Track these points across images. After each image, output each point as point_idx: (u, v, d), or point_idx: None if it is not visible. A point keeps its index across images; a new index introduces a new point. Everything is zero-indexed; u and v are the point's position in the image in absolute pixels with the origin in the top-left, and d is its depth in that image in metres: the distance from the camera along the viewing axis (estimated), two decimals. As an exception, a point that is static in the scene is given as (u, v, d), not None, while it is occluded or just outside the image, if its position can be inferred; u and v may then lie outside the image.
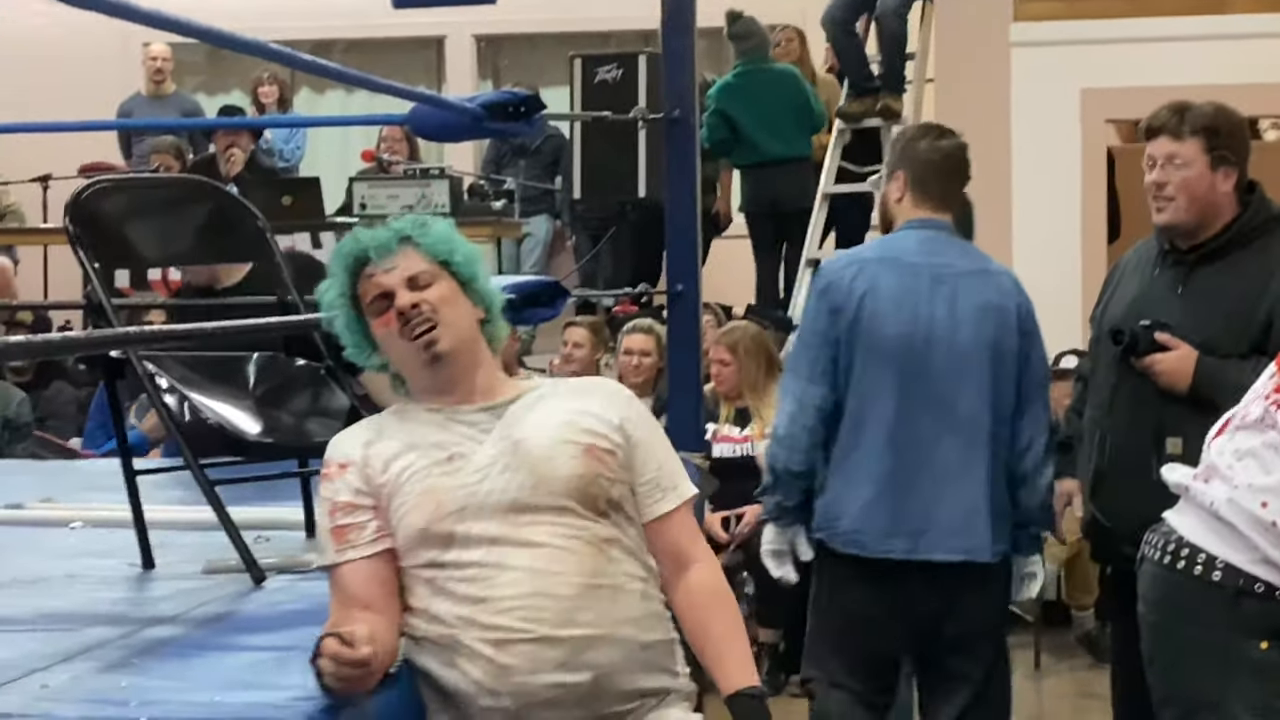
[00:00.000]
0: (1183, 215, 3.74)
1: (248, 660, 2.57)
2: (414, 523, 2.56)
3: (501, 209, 8.91)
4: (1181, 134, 3.74)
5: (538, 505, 2.58)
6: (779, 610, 6.59)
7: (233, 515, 3.25)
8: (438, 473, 2.58)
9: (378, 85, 4.20)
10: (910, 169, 4.05)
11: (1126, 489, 3.72)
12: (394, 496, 2.58)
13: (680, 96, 4.83)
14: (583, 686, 2.54)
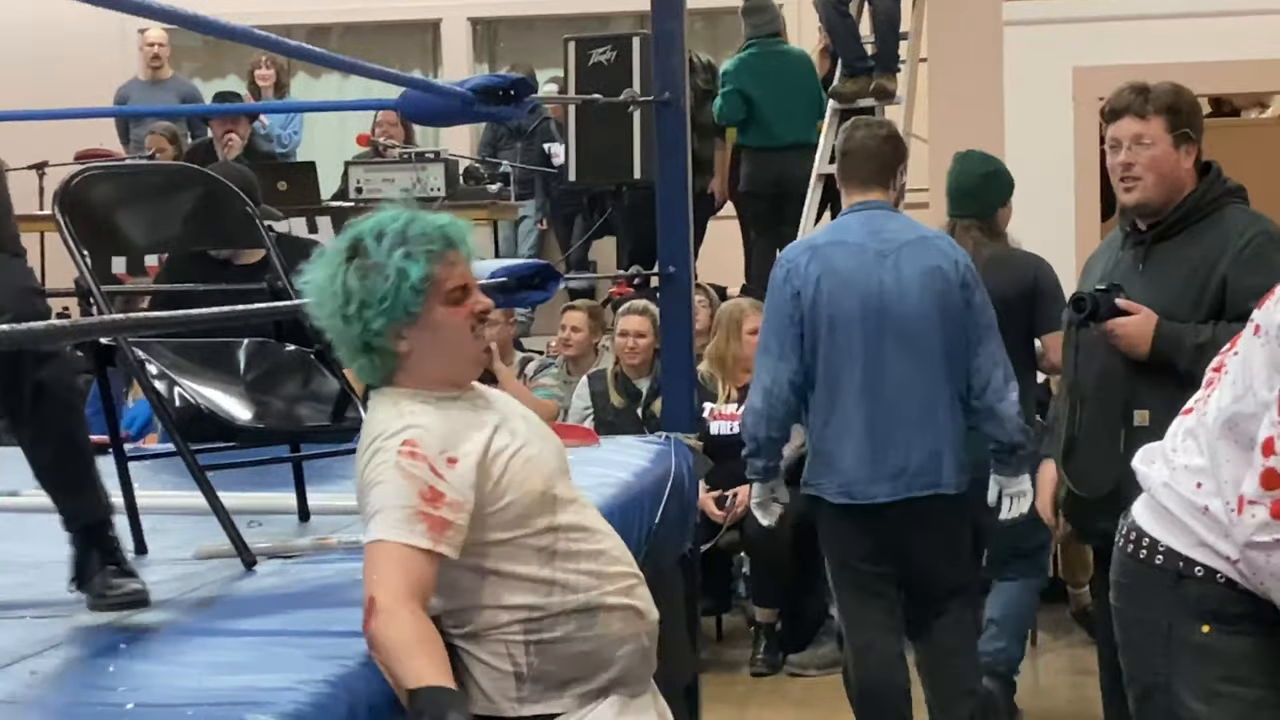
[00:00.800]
0: (1151, 194, 3.82)
1: (239, 644, 2.58)
2: (534, 487, 2.65)
3: (497, 192, 8.92)
4: (1146, 113, 3.81)
5: (565, 468, 2.79)
6: (774, 590, 6.62)
7: (224, 500, 3.27)
8: (518, 444, 2.68)
9: (369, 70, 4.21)
10: (839, 161, 4.73)
11: (1096, 462, 3.84)
12: (501, 477, 2.62)
13: (670, 79, 4.84)
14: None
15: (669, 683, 3.17)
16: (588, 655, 2.70)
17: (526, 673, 2.67)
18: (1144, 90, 3.85)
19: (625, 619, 2.73)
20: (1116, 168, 3.85)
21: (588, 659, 2.70)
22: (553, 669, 2.68)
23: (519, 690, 2.68)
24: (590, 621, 2.69)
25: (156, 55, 10.19)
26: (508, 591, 2.65)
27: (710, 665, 6.18)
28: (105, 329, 2.95)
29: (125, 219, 3.51)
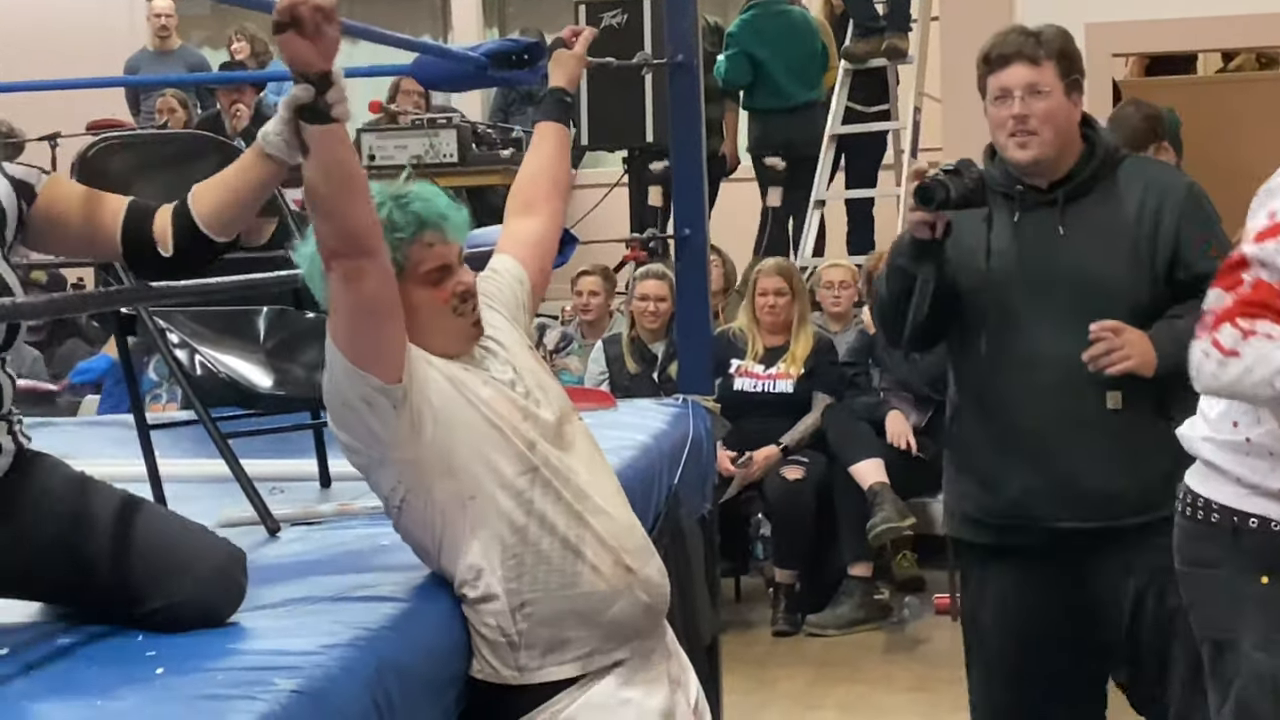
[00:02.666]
0: (1049, 149, 3.40)
1: (265, 611, 2.59)
2: (504, 412, 2.72)
3: (510, 157, 8.91)
4: (1039, 59, 3.40)
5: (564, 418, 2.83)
6: (794, 551, 6.64)
7: (246, 468, 3.28)
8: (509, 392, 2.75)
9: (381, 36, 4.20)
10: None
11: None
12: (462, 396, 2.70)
13: (683, 41, 4.83)
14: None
15: (691, 643, 3.19)
16: (577, 614, 2.69)
17: (520, 641, 2.68)
18: (1034, 34, 3.45)
19: (614, 573, 2.72)
20: (1006, 121, 3.39)
21: (578, 617, 2.70)
22: (543, 632, 2.68)
23: (516, 659, 2.69)
24: (574, 575, 2.69)
25: (164, 25, 10.19)
26: (487, 521, 2.66)
27: (730, 626, 6.20)
28: (126, 299, 2.95)
29: (142, 188, 3.48)
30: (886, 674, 6.01)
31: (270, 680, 2.19)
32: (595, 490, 2.78)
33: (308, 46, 2.34)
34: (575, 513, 2.72)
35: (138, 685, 2.21)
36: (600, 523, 2.74)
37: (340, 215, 2.49)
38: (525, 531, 2.68)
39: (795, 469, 6.59)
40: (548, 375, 2.92)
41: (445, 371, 2.71)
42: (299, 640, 2.41)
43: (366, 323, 2.58)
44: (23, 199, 2.54)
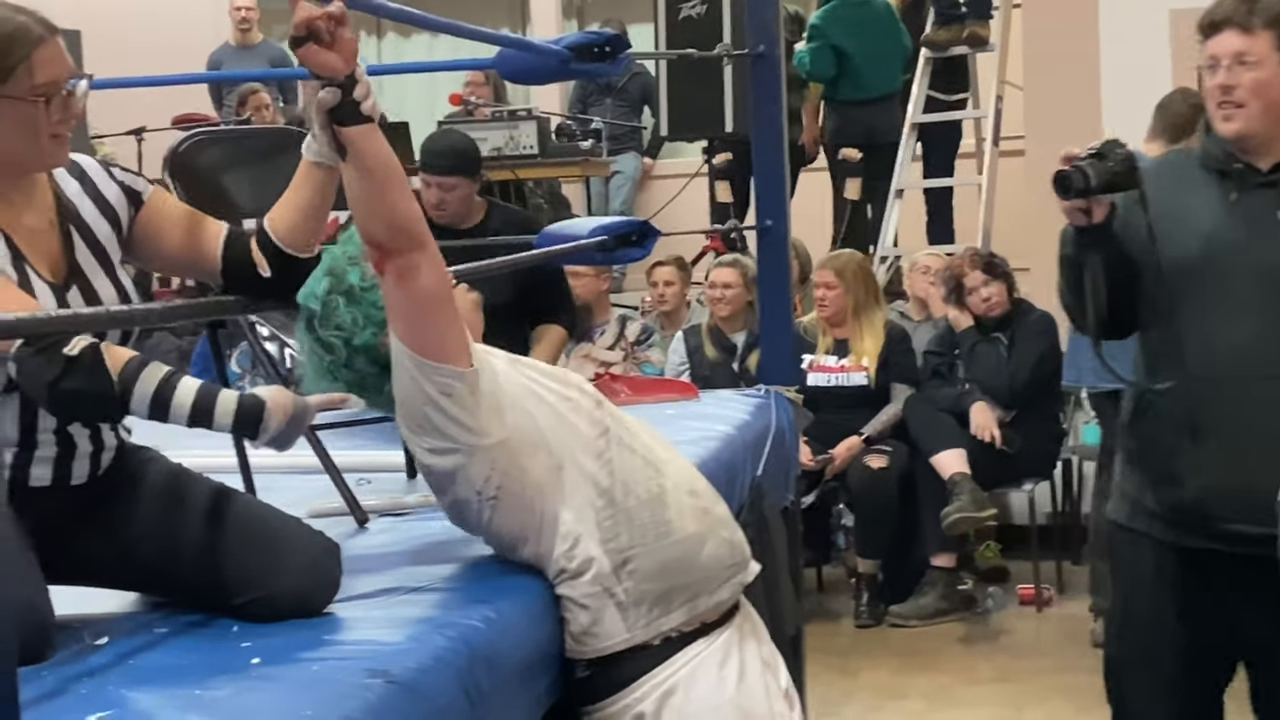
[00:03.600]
0: (1256, 124, 3.18)
1: (356, 602, 2.61)
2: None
3: (589, 148, 8.93)
4: (1251, 27, 3.15)
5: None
6: (877, 542, 6.63)
7: (334, 459, 3.31)
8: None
9: (464, 30, 4.22)
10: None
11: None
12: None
13: (765, 31, 4.82)
14: None
15: (775, 634, 3.19)
16: (675, 561, 2.78)
17: (627, 600, 2.72)
18: (1250, 1, 3.18)
19: (695, 516, 2.84)
20: (1214, 91, 3.21)
21: (677, 565, 2.78)
22: (648, 586, 2.75)
23: (625, 619, 2.72)
24: (664, 525, 2.78)
25: (245, 19, 10.26)
26: (578, 488, 2.72)
27: (812, 616, 6.20)
28: (221, 309, 2.98)
29: (232, 182, 3.56)
30: (970, 665, 5.99)
31: (363, 671, 2.21)
32: (654, 442, 2.90)
33: (328, 54, 2.40)
34: (649, 464, 2.81)
35: (234, 675, 2.24)
36: (670, 472, 2.85)
37: (387, 210, 2.53)
38: (611, 493, 2.75)
39: (878, 458, 6.58)
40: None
41: (503, 354, 2.78)
42: (390, 631, 2.43)
43: (429, 315, 2.61)
44: (132, 205, 2.59)
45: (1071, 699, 5.36)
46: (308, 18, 2.36)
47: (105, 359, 2.31)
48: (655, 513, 2.77)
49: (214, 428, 2.41)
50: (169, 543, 2.52)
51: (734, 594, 2.90)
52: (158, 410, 2.36)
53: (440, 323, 2.62)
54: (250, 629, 2.45)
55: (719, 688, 2.79)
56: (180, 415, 2.37)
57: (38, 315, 2.10)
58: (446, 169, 5.30)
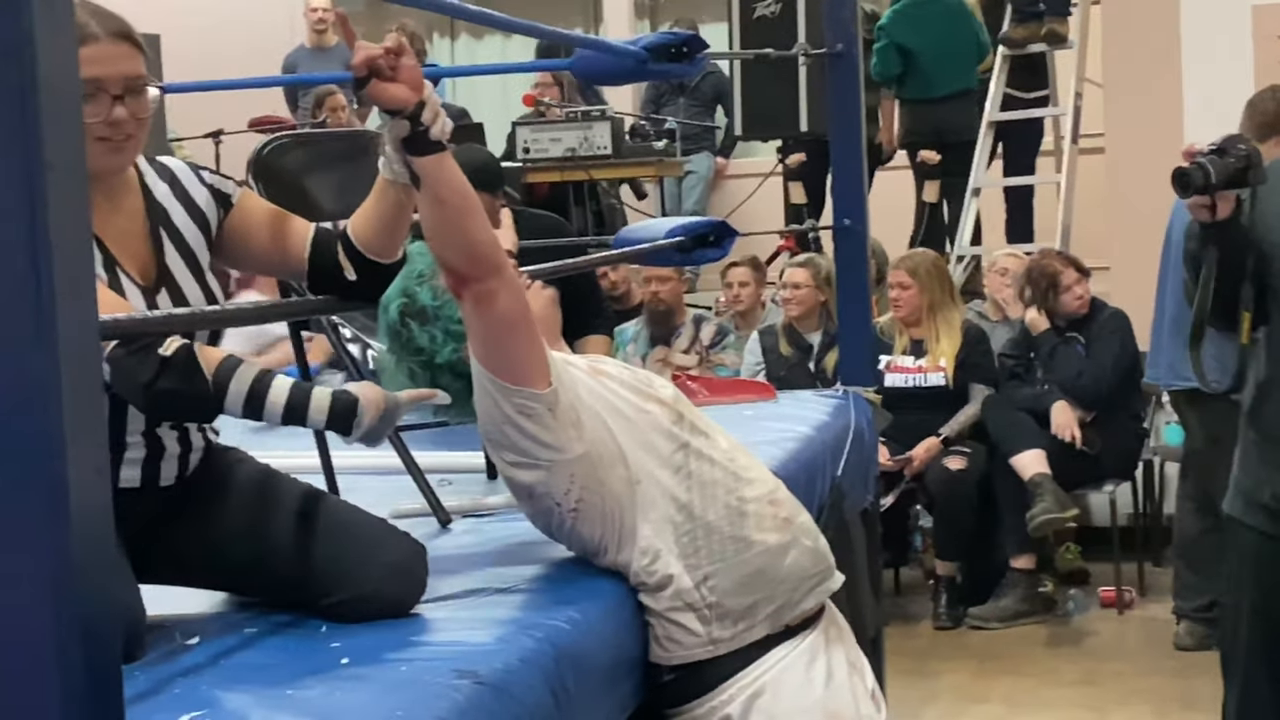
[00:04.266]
0: None
1: (442, 603, 2.62)
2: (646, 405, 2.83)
3: (663, 148, 8.93)
4: None
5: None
6: (956, 543, 6.59)
7: (416, 460, 3.32)
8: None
9: (541, 32, 4.24)
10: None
11: None
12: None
13: (843, 30, 4.81)
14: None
15: (855, 636, 3.18)
16: (758, 574, 2.76)
17: (710, 614, 2.72)
18: None
19: (777, 526, 2.82)
20: None
21: (760, 578, 2.77)
22: (731, 601, 2.74)
23: (709, 633, 2.72)
24: (744, 538, 2.76)
25: (320, 20, 10.30)
26: (655, 503, 2.72)
27: (890, 618, 6.17)
28: (309, 310, 2.99)
29: (315, 185, 3.58)
30: (1052, 667, 5.95)
31: (451, 672, 2.21)
32: (736, 452, 2.87)
33: (393, 87, 2.39)
34: (730, 474, 2.80)
35: (324, 675, 2.25)
36: (751, 480, 2.83)
37: (462, 237, 2.53)
38: (691, 508, 2.73)
39: (957, 459, 6.54)
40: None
41: (585, 364, 2.77)
42: (477, 632, 2.43)
43: (508, 339, 2.62)
44: (221, 208, 2.60)
45: (1153, 702, 5.31)
46: (367, 57, 2.36)
47: (199, 359, 2.33)
48: (735, 525, 2.76)
49: (307, 425, 2.42)
50: (258, 543, 2.54)
51: (819, 602, 2.89)
52: (252, 409, 2.37)
53: (518, 346, 2.62)
54: (339, 629, 2.45)
55: (807, 689, 2.78)
56: (274, 413, 2.38)
57: (131, 316, 2.11)
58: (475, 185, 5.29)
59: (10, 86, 1.29)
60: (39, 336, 1.30)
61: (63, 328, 1.30)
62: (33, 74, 1.29)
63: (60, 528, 1.31)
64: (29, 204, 1.29)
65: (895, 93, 8.66)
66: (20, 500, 1.31)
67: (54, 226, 1.30)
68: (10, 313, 1.30)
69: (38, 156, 1.29)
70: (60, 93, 1.32)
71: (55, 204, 1.30)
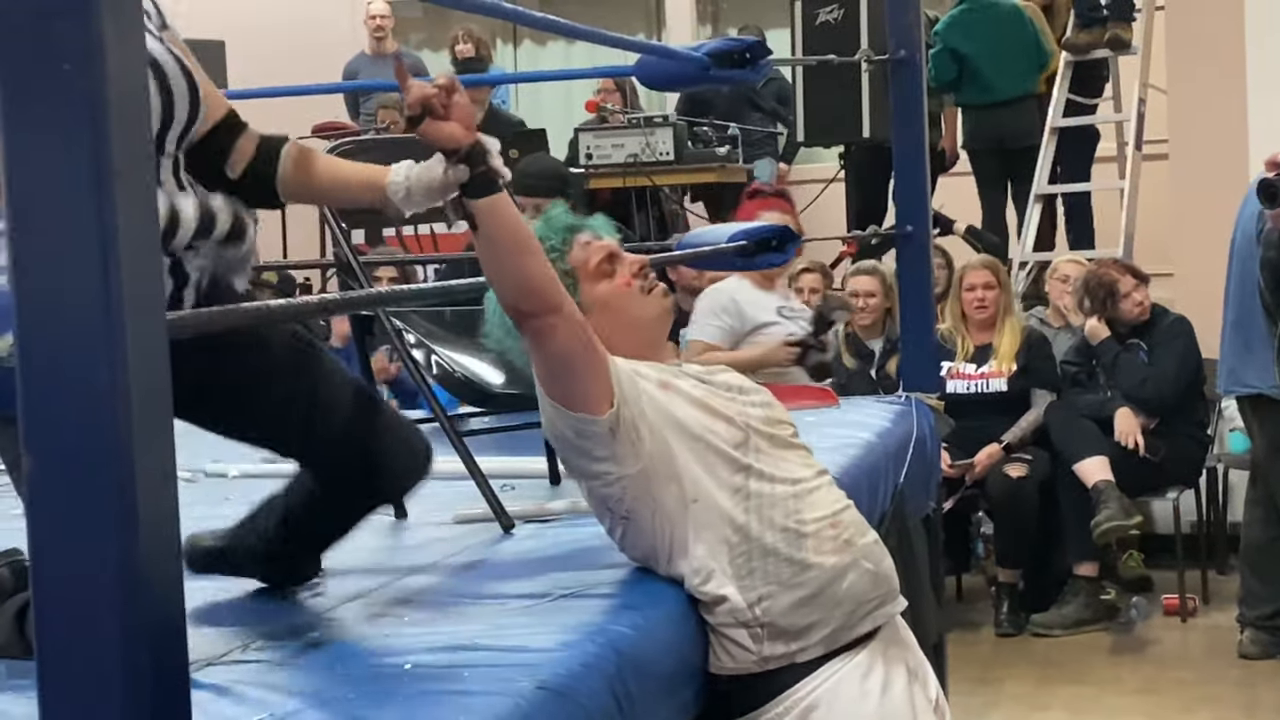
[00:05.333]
0: None
1: (504, 606, 2.62)
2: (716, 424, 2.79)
3: (725, 154, 8.92)
4: None
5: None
6: (1018, 550, 6.56)
7: (480, 465, 3.33)
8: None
9: (601, 37, 4.24)
10: None
11: None
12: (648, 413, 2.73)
13: (905, 36, 4.80)
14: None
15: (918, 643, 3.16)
16: (813, 598, 2.72)
17: (763, 634, 2.70)
18: None
19: (837, 549, 2.75)
20: None
21: (815, 601, 2.72)
22: (784, 621, 2.71)
23: (760, 650, 2.71)
24: (801, 561, 2.71)
25: (380, 27, 10.36)
26: (710, 523, 2.70)
27: (953, 625, 6.14)
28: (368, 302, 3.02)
29: (379, 192, 3.59)
30: (1115, 675, 5.91)
31: (515, 678, 2.21)
32: (806, 471, 2.82)
33: (447, 126, 2.38)
34: (792, 494, 2.75)
35: (387, 680, 2.25)
36: (813, 503, 2.78)
37: (518, 275, 2.52)
38: (747, 530, 2.70)
39: (1019, 466, 6.51)
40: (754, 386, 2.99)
41: (657, 378, 2.74)
42: (541, 637, 2.43)
43: (567, 371, 2.62)
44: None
45: (1217, 711, 5.28)
46: (421, 96, 2.35)
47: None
48: (793, 547, 2.72)
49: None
50: (292, 385, 2.55)
51: (876, 624, 2.82)
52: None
53: (576, 377, 2.62)
54: (400, 633, 2.47)
55: (862, 701, 2.76)
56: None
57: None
58: (545, 191, 5.33)
59: (80, 95, 1.30)
60: (108, 342, 1.31)
61: (132, 333, 1.32)
62: (102, 83, 1.30)
63: (129, 531, 1.32)
64: (98, 211, 1.31)
65: (955, 98, 8.63)
66: (89, 503, 1.32)
67: (123, 232, 1.32)
68: (80, 318, 1.31)
69: (107, 165, 1.31)
70: (128, 99, 1.33)
71: (123, 211, 1.31)
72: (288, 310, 2.31)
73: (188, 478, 4.02)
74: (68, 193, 1.31)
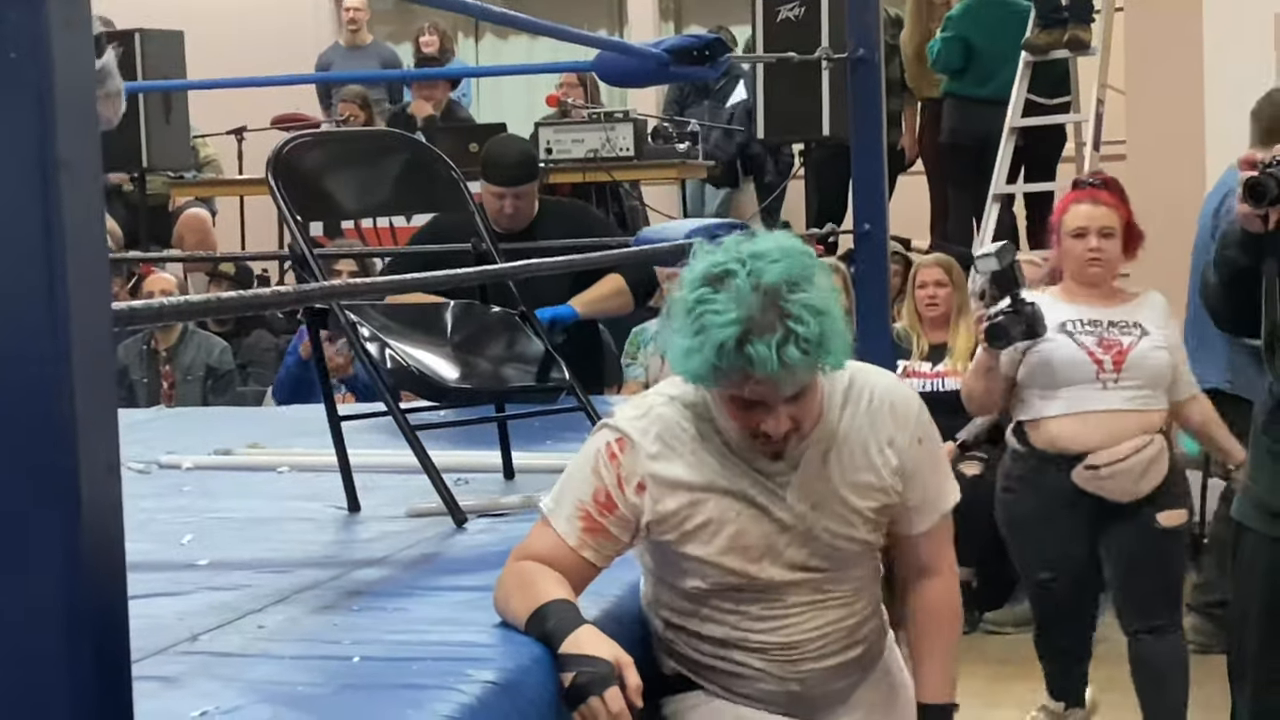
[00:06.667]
0: None
1: (456, 600, 2.63)
2: (724, 562, 2.57)
3: (685, 151, 8.93)
4: None
5: (821, 569, 2.63)
6: (971, 549, 6.57)
7: (433, 459, 3.33)
8: (747, 518, 2.57)
9: (561, 33, 4.25)
10: None
11: None
12: (681, 529, 2.56)
13: (865, 35, 4.81)
14: (857, 662, 2.76)
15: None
16: (723, 671, 2.68)
17: (668, 658, 2.72)
18: None
19: (767, 663, 2.65)
20: None
21: (720, 673, 2.68)
22: (687, 666, 2.70)
23: (663, 653, 2.72)
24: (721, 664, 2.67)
25: (354, 19, 10.32)
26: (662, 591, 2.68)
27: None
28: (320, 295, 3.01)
29: (335, 184, 3.59)
30: (1066, 674, 5.93)
31: (464, 671, 2.22)
32: (796, 635, 2.65)
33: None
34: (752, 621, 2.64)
35: (335, 674, 2.26)
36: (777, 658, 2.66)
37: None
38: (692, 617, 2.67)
39: (974, 464, 6.53)
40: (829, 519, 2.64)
41: (690, 498, 2.56)
42: (491, 632, 2.44)
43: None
44: None
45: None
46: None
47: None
48: (716, 657, 2.68)
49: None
50: None
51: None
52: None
53: None
54: (350, 625, 2.47)
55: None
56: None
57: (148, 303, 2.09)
58: (526, 178, 5.28)
59: (27, 84, 1.30)
60: (53, 333, 1.31)
61: (76, 324, 1.31)
62: (49, 71, 1.30)
63: (72, 522, 1.32)
64: (43, 201, 1.30)
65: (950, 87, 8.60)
66: (31, 493, 1.31)
67: (68, 223, 1.31)
68: (24, 307, 1.31)
69: (52, 154, 1.30)
70: (75, 89, 1.33)
71: (69, 201, 1.31)
72: (240, 302, 2.30)
73: (140, 469, 4.01)
74: (13, 182, 1.31)
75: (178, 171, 9.04)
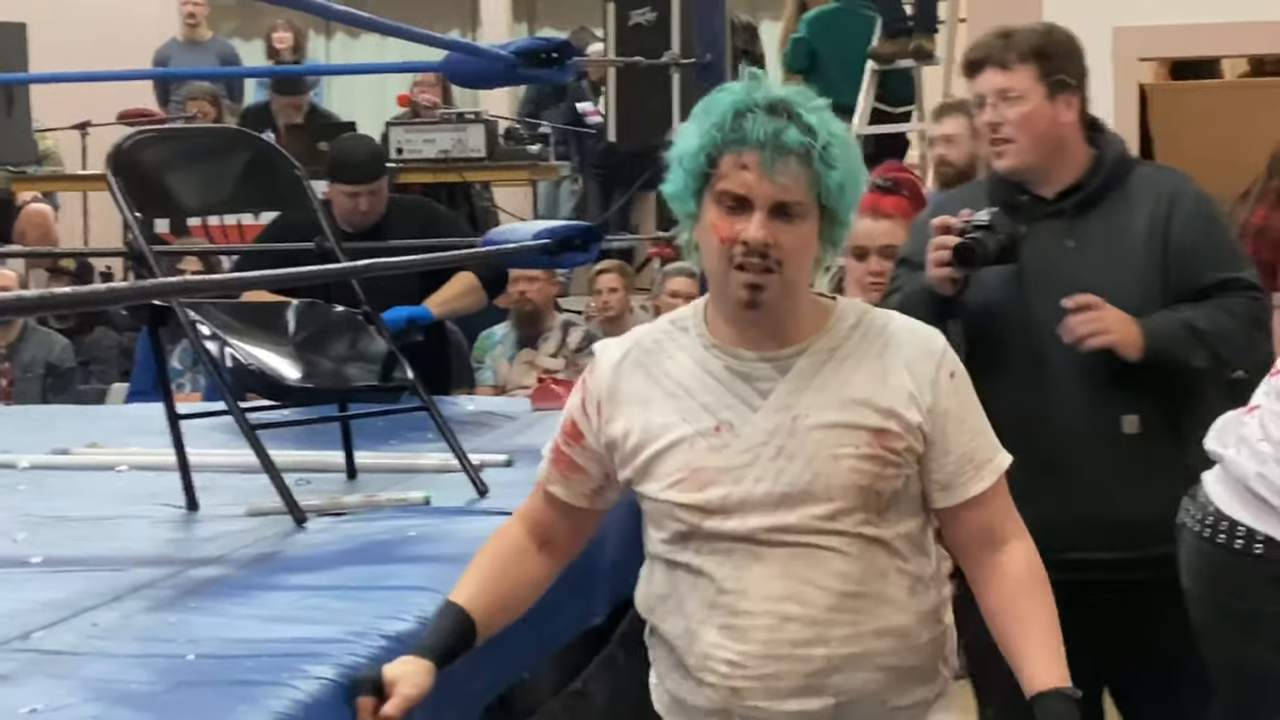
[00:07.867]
0: (1028, 157, 3.17)
1: (292, 598, 2.63)
2: (670, 497, 2.27)
3: (538, 152, 8.94)
4: (1009, 63, 3.16)
5: (805, 500, 2.23)
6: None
7: (274, 459, 3.32)
8: (703, 446, 2.25)
9: (410, 34, 4.25)
10: None
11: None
12: (643, 453, 2.28)
13: (712, 41, 4.88)
14: (825, 714, 2.25)
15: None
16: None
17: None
18: (1007, 35, 3.20)
19: (722, 695, 2.26)
20: (984, 128, 3.20)
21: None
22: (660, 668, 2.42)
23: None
24: (683, 662, 2.31)
25: (193, 14, 10.19)
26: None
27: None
28: (161, 292, 3.00)
29: (177, 181, 3.57)
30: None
31: (300, 667, 2.23)
32: (757, 591, 2.24)
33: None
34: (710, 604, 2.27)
35: (169, 671, 2.25)
36: (733, 630, 2.25)
37: None
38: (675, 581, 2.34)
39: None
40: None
41: (644, 417, 2.29)
42: (328, 629, 2.44)
43: None
44: None
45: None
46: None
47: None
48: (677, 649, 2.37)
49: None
50: None
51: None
52: None
53: None
54: (186, 623, 2.46)
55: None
56: None
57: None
58: (379, 173, 5.24)
59: None
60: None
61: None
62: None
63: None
64: None
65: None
66: None
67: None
68: None
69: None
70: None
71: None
72: (75, 298, 2.29)
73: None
74: None
75: (19, 166, 8.87)
